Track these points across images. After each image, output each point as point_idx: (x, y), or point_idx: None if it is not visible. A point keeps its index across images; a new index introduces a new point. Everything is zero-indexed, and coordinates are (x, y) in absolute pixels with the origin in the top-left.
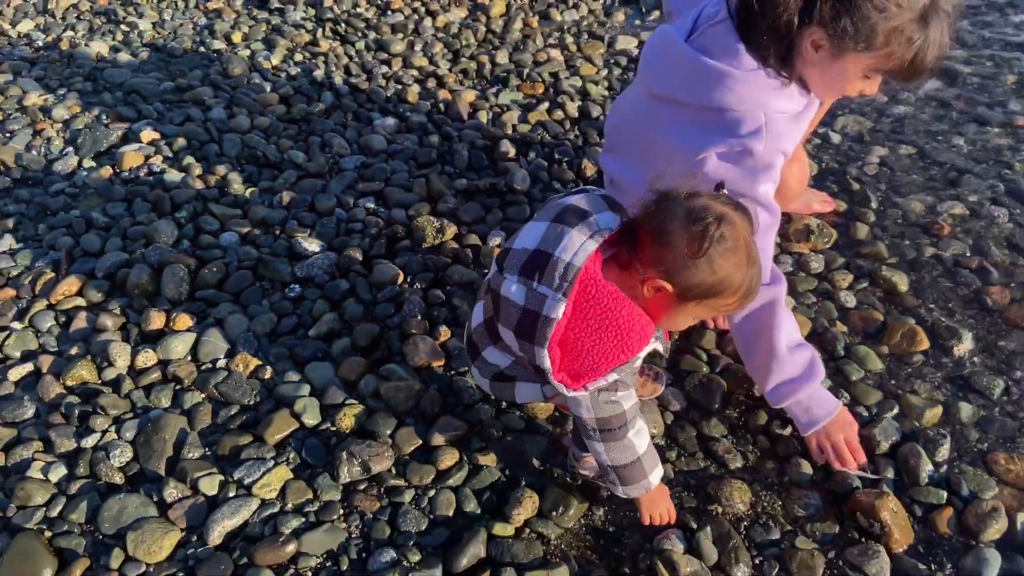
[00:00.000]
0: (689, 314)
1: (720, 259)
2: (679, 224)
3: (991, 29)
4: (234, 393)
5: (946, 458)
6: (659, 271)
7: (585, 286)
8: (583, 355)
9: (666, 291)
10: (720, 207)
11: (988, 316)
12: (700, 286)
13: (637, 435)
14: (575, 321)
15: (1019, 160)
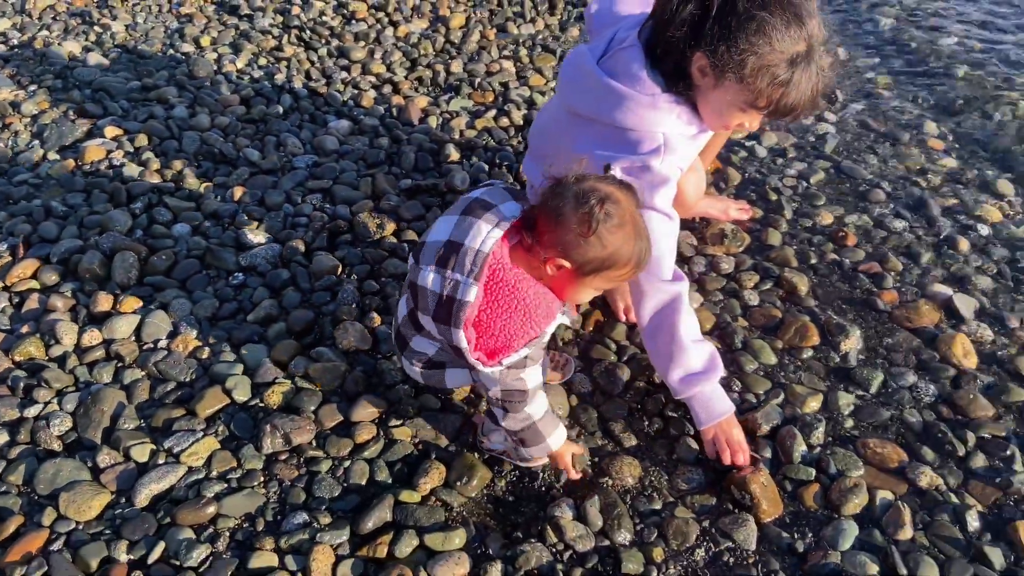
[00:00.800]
0: (589, 287)
1: (609, 235)
2: (570, 206)
3: (915, 55)
4: (172, 371)
5: (820, 441)
6: (557, 251)
7: (494, 271)
8: (496, 333)
9: (566, 268)
10: (605, 187)
11: (877, 316)
12: (594, 261)
13: (536, 405)
14: (487, 303)
15: (925, 177)
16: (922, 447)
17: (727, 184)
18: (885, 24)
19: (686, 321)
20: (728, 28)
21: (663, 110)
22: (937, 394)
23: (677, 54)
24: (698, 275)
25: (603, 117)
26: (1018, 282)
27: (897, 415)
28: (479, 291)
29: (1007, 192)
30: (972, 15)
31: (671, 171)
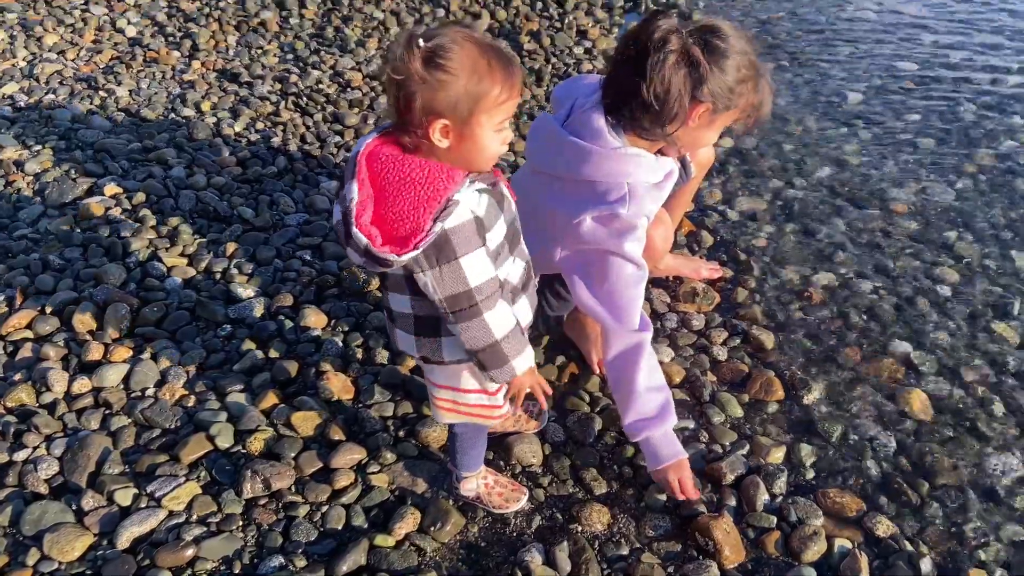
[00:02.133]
0: (486, 128)
1: (452, 63)
2: (398, 54)
3: (881, 127)
4: (158, 418)
5: (782, 491)
6: (428, 115)
7: (372, 162)
8: (400, 217)
9: (446, 124)
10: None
11: (839, 372)
12: (463, 97)
13: (495, 317)
14: (379, 193)
15: (888, 239)
16: (880, 497)
17: (700, 246)
18: (853, 99)
19: (645, 368)
20: (704, 67)
21: (626, 160)
22: (895, 446)
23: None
24: (670, 331)
25: (570, 173)
26: (974, 339)
27: (856, 466)
28: (363, 188)
29: (966, 254)
30: (936, 90)
31: (638, 219)
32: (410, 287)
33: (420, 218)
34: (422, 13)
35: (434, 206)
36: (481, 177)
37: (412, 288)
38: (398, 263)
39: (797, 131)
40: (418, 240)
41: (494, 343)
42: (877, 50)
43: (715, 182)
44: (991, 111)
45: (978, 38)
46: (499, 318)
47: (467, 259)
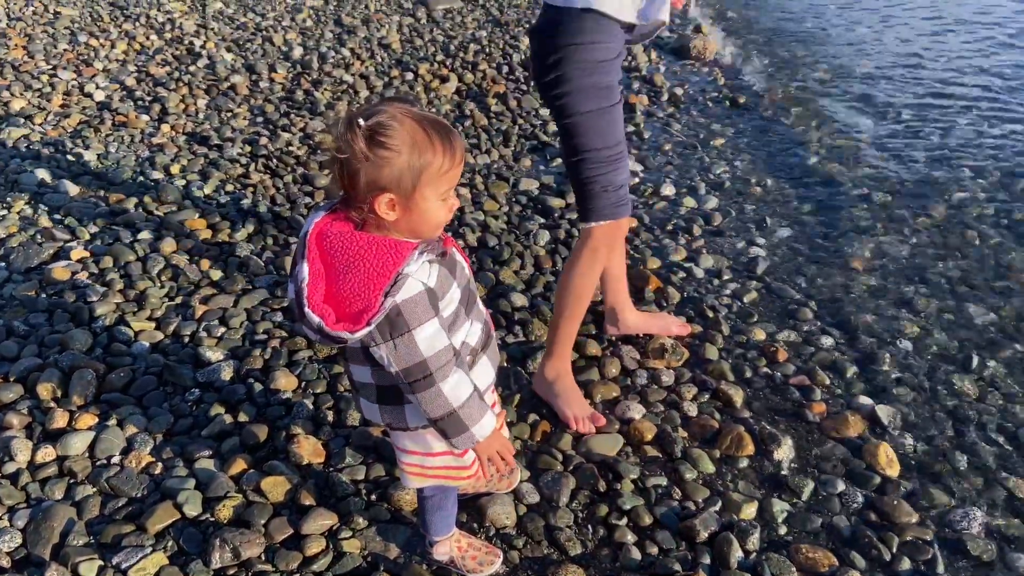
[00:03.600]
0: (430, 199)
1: (393, 140)
2: (351, 146)
3: (837, 184)
4: (124, 487)
5: (756, 547)
6: (372, 191)
7: (320, 241)
8: (351, 295)
9: (392, 199)
10: (356, 109)
11: (807, 427)
12: (404, 171)
13: (451, 386)
14: (330, 272)
15: (849, 296)
16: (851, 552)
17: (668, 302)
18: (810, 158)
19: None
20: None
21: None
22: (864, 501)
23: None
24: (640, 387)
25: None
26: (936, 392)
27: (827, 521)
28: (312, 267)
29: (925, 307)
30: (888, 145)
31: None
32: (369, 359)
33: (371, 295)
34: (391, 76)
35: (384, 282)
36: (430, 247)
37: (371, 359)
38: (352, 340)
39: (757, 191)
40: (370, 317)
41: (452, 411)
42: (831, 108)
43: (680, 241)
44: (941, 164)
45: (927, 95)
46: (455, 387)
47: (420, 331)
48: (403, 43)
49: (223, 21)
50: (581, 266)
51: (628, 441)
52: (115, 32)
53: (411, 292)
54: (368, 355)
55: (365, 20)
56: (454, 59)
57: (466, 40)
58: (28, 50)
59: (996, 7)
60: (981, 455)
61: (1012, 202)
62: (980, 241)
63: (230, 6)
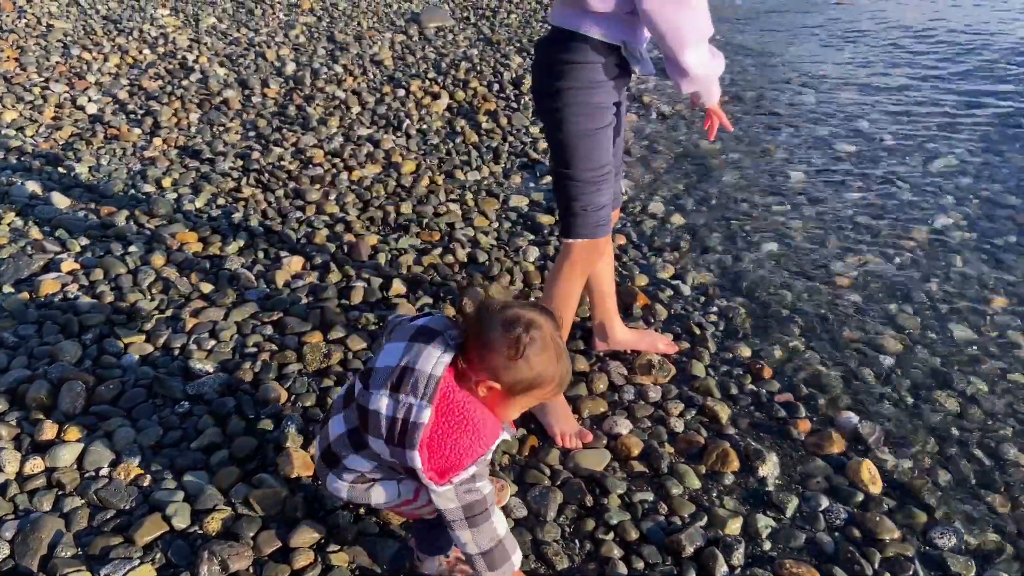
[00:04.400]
0: (519, 405)
1: (535, 357)
2: (497, 333)
3: (823, 204)
4: (112, 499)
5: (740, 562)
6: (489, 374)
7: (444, 393)
8: (448, 453)
9: (496, 389)
10: (528, 314)
11: (791, 444)
12: (523, 382)
13: (498, 520)
14: (438, 424)
15: (834, 312)
16: (834, 567)
17: (655, 319)
18: (796, 177)
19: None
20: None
21: None
22: (847, 517)
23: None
24: (627, 403)
25: None
26: (918, 409)
27: (811, 537)
28: (432, 413)
29: (908, 325)
30: (871, 168)
31: None
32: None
33: (466, 461)
34: (383, 93)
35: (479, 455)
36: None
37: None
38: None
39: (744, 208)
40: (453, 475)
41: (499, 542)
42: (817, 132)
43: (667, 257)
44: (925, 190)
45: (908, 124)
46: (501, 522)
47: (480, 483)
48: (395, 60)
49: (216, 36)
50: (561, 279)
51: (615, 456)
52: (108, 46)
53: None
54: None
55: (358, 37)
56: (445, 76)
57: (457, 58)
58: (20, 62)
59: (975, 37)
60: (962, 471)
61: (991, 227)
62: (963, 263)
63: (223, 22)
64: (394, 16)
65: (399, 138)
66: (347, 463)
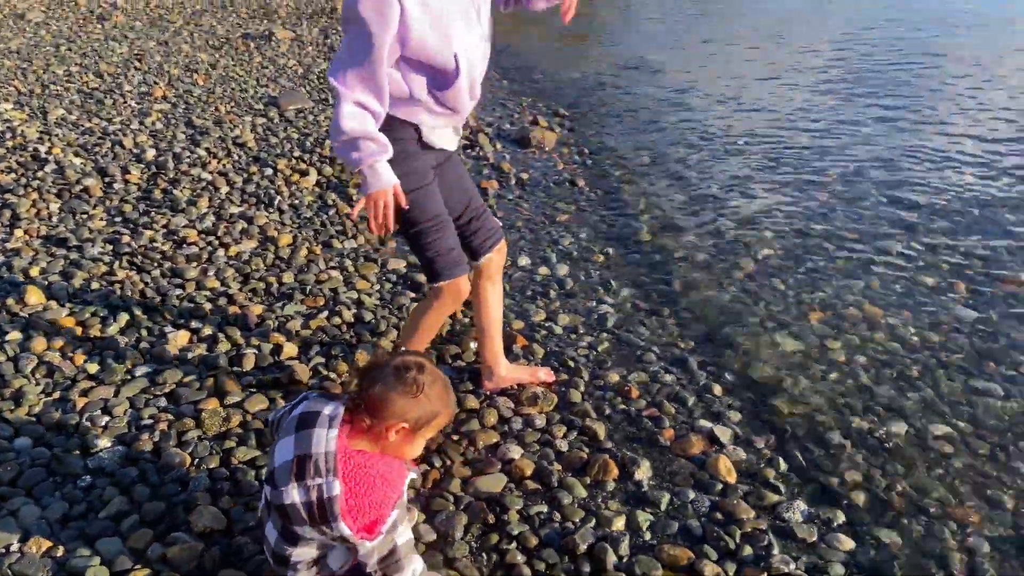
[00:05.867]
0: (422, 439)
1: (431, 392)
2: (393, 380)
3: (665, 251)
4: (28, 571)
5: (627, 552)
6: (396, 417)
7: (344, 461)
8: (367, 510)
9: (404, 429)
10: (413, 359)
11: (660, 450)
12: (425, 415)
13: (415, 564)
14: (349, 489)
15: (683, 339)
16: (704, 546)
17: (534, 357)
18: (642, 230)
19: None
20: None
21: None
22: (711, 504)
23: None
24: (517, 432)
25: None
26: (758, 412)
27: (683, 524)
28: (340, 483)
29: (744, 343)
30: (700, 214)
31: None
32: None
33: (386, 511)
34: (250, 172)
35: (395, 501)
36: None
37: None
38: (368, 547)
39: (600, 259)
40: (381, 526)
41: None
42: (653, 188)
43: (539, 304)
44: (746, 225)
45: (732, 173)
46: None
47: (400, 529)
48: (258, 141)
49: (67, 127)
50: (429, 314)
51: (511, 479)
52: None
53: (403, 505)
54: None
55: (217, 121)
56: (311, 154)
57: (321, 137)
58: None
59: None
60: (799, 458)
61: (805, 255)
62: (784, 286)
63: (72, 113)
64: (252, 100)
65: (272, 214)
66: (294, 558)
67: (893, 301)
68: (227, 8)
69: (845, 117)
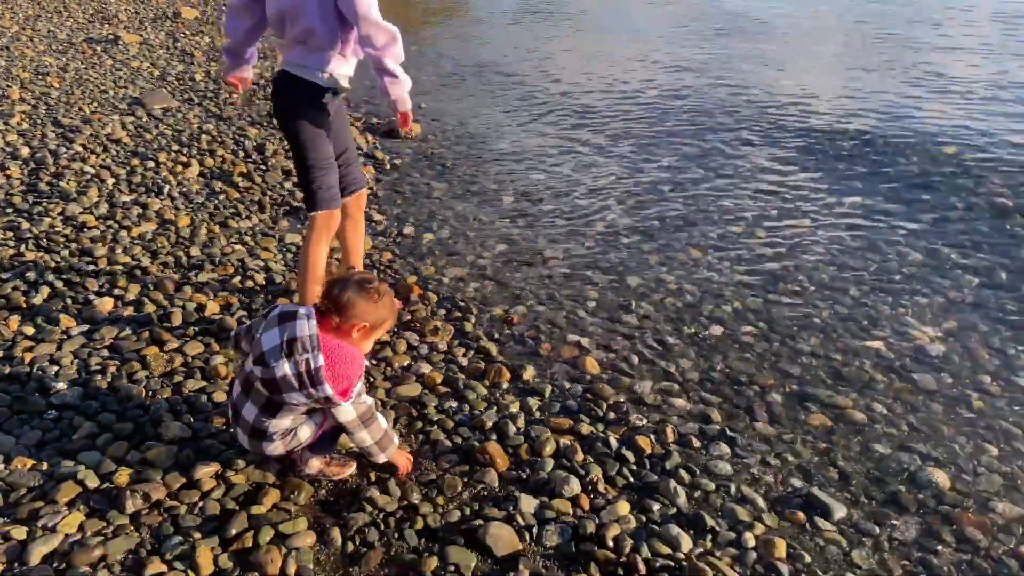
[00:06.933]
0: (375, 338)
1: (385, 299)
2: (357, 290)
3: (529, 215)
4: (20, 481)
5: (522, 425)
6: (358, 319)
7: (324, 342)
8: (340, 378)
9: (365, 328)
10: (370, 276)
11: (541, 358)
12: (381, 318)
13: (381, 420)
14: (329, 362)
15: (550, 281)
16: (580, 415)
17: (429, 302)
18: (507, 201)
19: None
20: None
21: None
22: (582, 389)
23: None
24: (425, 354)
25: None
26: (614, 323)
27: (563, 404)
28: (323, 358)
29: (600, 280)
30: (556, 185)
31: None
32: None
33: (354, 380)
34: (132, 166)
35: (359, 371)
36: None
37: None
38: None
39: (475, 224)
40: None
41: (386, 431)
42: (515, 168)
43: (427, 262)
44: (595, 194)
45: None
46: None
47: (364, 395)
48: (133, 138)
49: None
50: (311, 246)
51: (424, 386)
52: None
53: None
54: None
55: (85, 120)
56: (190, 148)
57: (195, 133)
58: None
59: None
60: (646, 355)
61: (650, 224)
62: (628, 241)
63: None
64: (115, 101)
65: (164, 200)
66: (271, 429)
67: (712, 244)
68: (61, 13)
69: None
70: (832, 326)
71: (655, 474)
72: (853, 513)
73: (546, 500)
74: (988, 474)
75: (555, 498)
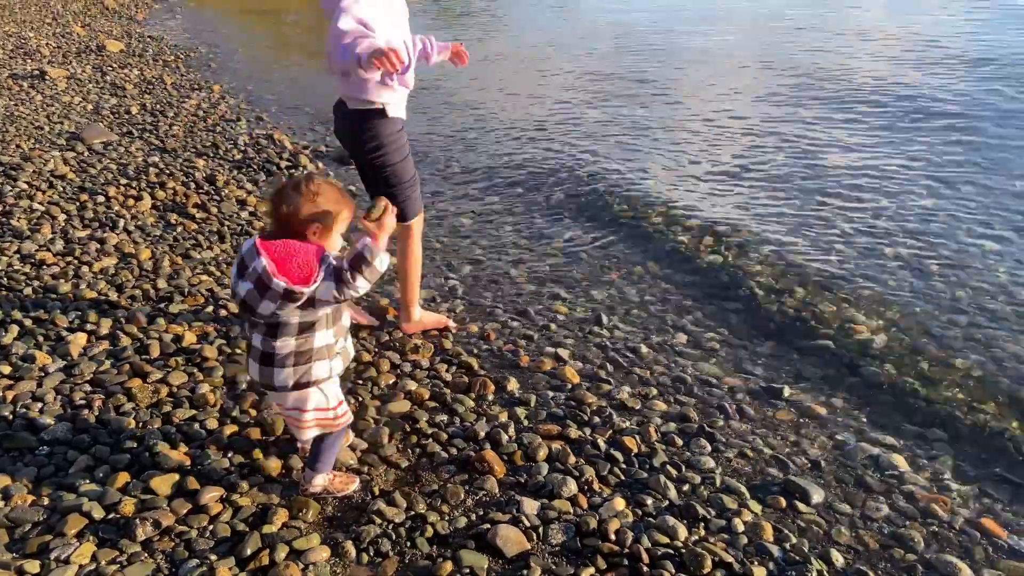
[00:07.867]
0: (337, 234)
1: (326, 193)
2: (292, 192)
3: (491, 235)
4: (24, 517)
5: (514, 433)
6: (308, 220)
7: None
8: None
9: (320, 228)
10: (300, 175)
11: (522, 370)
12: (330, 212)
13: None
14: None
15: (519, 297)
16: (567, 421)
17: None
18: (467, 223)
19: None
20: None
21: None
22: (566, 396)
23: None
24: (408, 372)
25: None
26: (588, 339)
27: (550, 411)
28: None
29: (566, 296)
30: (495, 202)
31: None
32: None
33: (311, 264)
34: (81, 201)
35: (317, 261)
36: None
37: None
38: (308, 292)
39: (438, 246)
40: (315, 277)
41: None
42: (472, 190)
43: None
44: (551, 217)
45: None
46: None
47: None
48: (78, 173)
49: None
50: (411, 248)
51: (414, 402)
52: None
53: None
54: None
55: (25, 157)
56: (138, 181)
57: (141, 166)
58: None
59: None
60: (620, 362)
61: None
62: (586, 256)
63: None
64: (51, 136)
65: (120, 234)
66: (278, 350)
67: (663, 257)
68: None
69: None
70: (788, 326)
71: (644, 471)
72: (827, 495)
73: (546, 501)
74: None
75: (555, 499)
